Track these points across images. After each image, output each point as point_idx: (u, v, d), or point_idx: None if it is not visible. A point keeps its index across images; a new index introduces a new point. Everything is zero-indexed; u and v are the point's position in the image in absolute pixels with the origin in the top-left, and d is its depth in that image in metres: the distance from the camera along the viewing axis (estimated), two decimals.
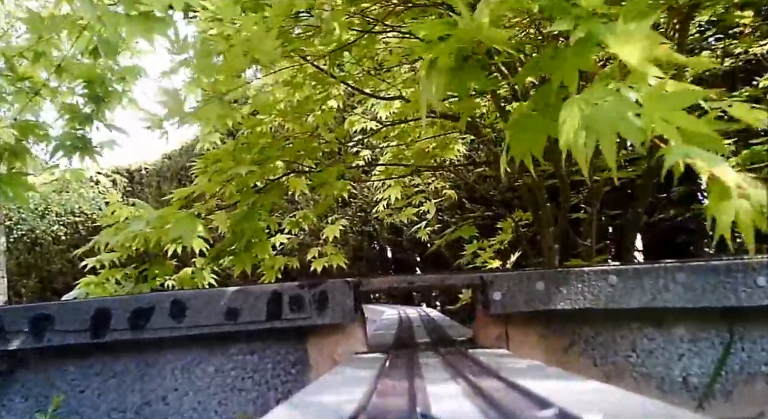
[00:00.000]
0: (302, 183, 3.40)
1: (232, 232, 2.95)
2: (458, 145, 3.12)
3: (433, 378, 0.95)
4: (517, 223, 3.04)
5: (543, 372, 1.09)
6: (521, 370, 1.10)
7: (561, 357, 1.76)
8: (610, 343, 1.76)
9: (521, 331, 1.78)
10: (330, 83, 2.80)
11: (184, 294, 1.77)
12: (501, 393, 0.76)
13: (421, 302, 11.69)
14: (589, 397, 0.82)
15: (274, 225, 3.22)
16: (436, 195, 3.95)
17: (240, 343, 1.81)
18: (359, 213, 11.89)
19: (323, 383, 1.02)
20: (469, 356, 1.41)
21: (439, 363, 1.25)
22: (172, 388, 1.80)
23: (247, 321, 1.75)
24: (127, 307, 1.75)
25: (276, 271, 3.30)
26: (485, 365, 1.12)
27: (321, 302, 1.75)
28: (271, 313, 1.75)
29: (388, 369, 1.14)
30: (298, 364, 1.80)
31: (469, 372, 1.02)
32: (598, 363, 1.75)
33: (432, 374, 1.05)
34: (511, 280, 1.73)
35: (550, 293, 1.72)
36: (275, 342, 1.81)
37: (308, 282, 1.77)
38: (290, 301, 1.75)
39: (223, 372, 1.80)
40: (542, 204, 2.44)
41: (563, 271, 1.72)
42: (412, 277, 1.82)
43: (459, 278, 1.80)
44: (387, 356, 1.54)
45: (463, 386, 0.82)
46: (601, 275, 1.71)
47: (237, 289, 1.77)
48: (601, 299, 1.70)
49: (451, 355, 1.42)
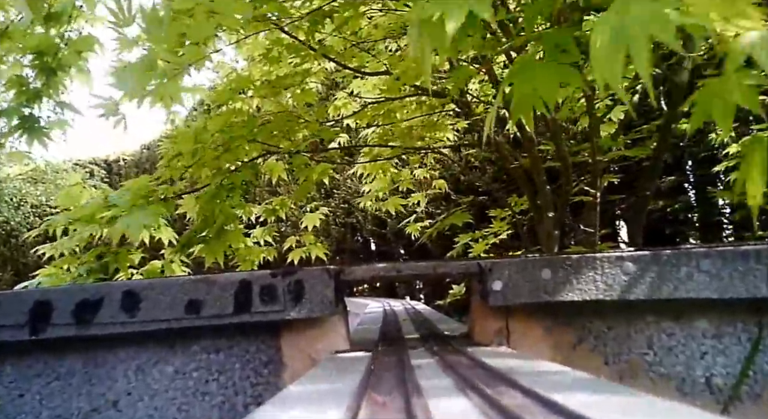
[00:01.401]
0: (280, 168, 3.17)
1: (202, 217, 2.71)
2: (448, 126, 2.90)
3: (432, 388, 0.74)
4: (513, 208, 2.84)
5: (569, 379, 0.88)
6: (540, 375, 0.88)
7: (569, 354, 1.56)
8: (624, 339, 1.55)
9: (524, 325, 1.57)
10: (309, 56, 2.56)
11: (137, 284, 1.54)
12: (533, 415, 0.54)
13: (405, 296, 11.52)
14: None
15: (248, 212, 2.99)
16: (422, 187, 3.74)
17: (203, 340, 1.59)
18: (342, 204, 11.66)
19: (290, 396, 0.80)
20: (468, 355, 1.19)
21: (436, 366, 1.03)
22: (124, 392, 1.57)
23: (212, 315, 1.52)
24: (71, 299, 1.52)
25: (252, 264, 3.07)
26: (493, 368, 0.91)
27: (297, 293, 1.53)
28: (239, 305, 1.52)
29: (374, 374, 0.92)
30: (270, 364, 1.58)
31: (476, 378, 0.80)
32: (610, 361, 1.55)
33: (430, 381, 0.83)
34: (513, 267, 1.52)
35: (557, 282, 1.51)
36: (244, 339, 1.59)
37: (282, 270, 1.55)
38: (261, 292, 1.53)
39: (183, 373, 1.57)
40: (541, 187, 2.24)
41: (573, 257, 1.52)
42: (400, 265, 1.60)
43: (454, 265, 1.58)
44: (372, 355, 1.33)
45: (477, 402, 0.61)
46: (616, 262, 1.50)
47: (199, 278, 1.54)
48: (615, 290, 1.50)
49: (447, 354, 1.21)
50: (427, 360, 1.18)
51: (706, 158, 7.69)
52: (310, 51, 2.58)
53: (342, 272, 1.56)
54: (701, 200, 8.37)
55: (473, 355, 1.16)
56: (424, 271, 1.58)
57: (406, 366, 1.02)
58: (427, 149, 2.79)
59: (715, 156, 7.82)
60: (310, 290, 1.53)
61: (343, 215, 11.52)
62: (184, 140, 2.30)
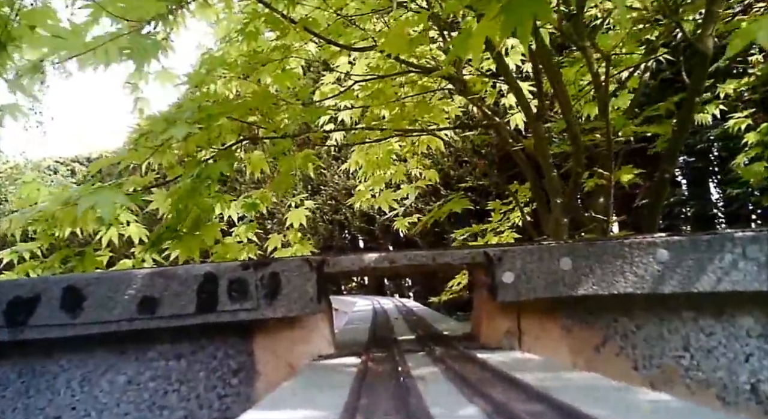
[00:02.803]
0: (262, 160, 2.92)
1: (175, 211, 2.45)
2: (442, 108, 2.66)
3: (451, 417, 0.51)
4: (515, 195, 2.60)
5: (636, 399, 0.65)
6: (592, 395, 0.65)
7: (591, 358, 1.33)
8: (656, 339, 1.33)
9: (538, 324, 1.35)
10: (289, 30, 2.32)
11: (80, 278, 1.29)
12: None
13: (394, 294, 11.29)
14: None
15: (226, 205, 2.73)
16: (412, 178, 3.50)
17: (162, 344, 1.34)
18: (330, 201, 11.41)
19: None
20: (480, 363, 0.96)
21: (444, 378, 0.80)
22: (67, 406, 1.32)
23: (170, 315, 1.28)
24: (0, 297, 1.27)
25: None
26: (521, 383, 0.68)
27: (272, 287, 1.29)
28: (203, 303, 1.28)
29: (365, 390, 0.69)
30: (241, 371, 1.34)
31: (503, 396, 0.57)
32: (640, 365, 1.33)
33: (443, 404, 0.60)
34: (527, 256, 1.30)
35: (579, 273, 1.28)
36: (210, 342, 1.35)
37: (254, 261, 1.31)
38: (230, 287, 1.29)
39: (138, 383, 1.33)
40: (548, 170, 2.01)
41: (597, 243, 1.29)
42: (394, 255, 1.37)
43: (456, 255, 1.35)
44: (362, 362, 1.09)
45: None
46: (648, 249, 1.28)
47: (155, 271, 1.30)
48: (647, 282, 1.27)
49: (454, 361, 0.98)
50: (430, 368, 0.94)
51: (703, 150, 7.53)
52: (291, 24, 2.33)
53: (325, 264, 1.33)
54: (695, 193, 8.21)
55: (487, 363, 0.93)
56: (422, 261, 1.35)
57: (405, 378, 0.79)
58: (421, 131, 2.55)
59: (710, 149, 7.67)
60: (287, 285, 1.29)
61: (331, 211, 11.27)
62: (154, 122, 2.04)
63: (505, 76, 2.16)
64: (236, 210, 3.18)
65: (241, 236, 3.24)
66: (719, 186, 7.68)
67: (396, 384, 0.73)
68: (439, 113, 2.64)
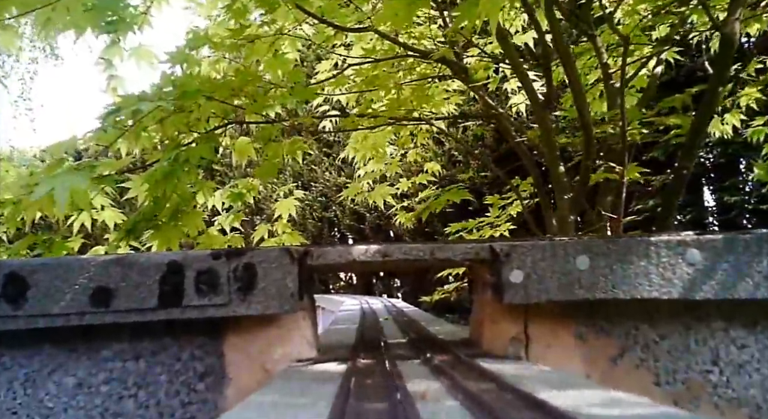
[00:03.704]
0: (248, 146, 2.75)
1: (152, 198, 2.28)
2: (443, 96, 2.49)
3: None
4: (517, 190, 2.45)
5: None
6: None
7: (607, 371, 1.18)
8: (682, 351, 1.18)
9: (549, 331, 1.19)
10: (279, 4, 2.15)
11: (23, 264, 1.12)
12: None
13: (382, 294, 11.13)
14: None
15: (208, 192, 2.56)
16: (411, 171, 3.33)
17: (118, 342, 1.17)
18: (320, 198, 11.23)
19: None
20: (488, 375, 0.80)
21: (449, 396, 0.64)
22: (8, 410, 1.15)
23: (128, 309, 1.11)
24: None
25: None
26: (554, 409, 0.52)
27: (246, 281, 1.13)
28: (166, 296, 1.11)
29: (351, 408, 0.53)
30: (209, 375, 1.17)
31: None
32: (663, 380, 1.17)
33: None
34: (539, 253, 1.14)
35: (597, 274, 1.13)
36: (173, 342, 1.18)
37: (227, 250, 1.14)
38: (198, 279, 1.12)
39: (90, 386, 1.16)
40: (554, 164, 1.86)
41: (619, 240, 1.13)
42: (388, 247, 1.21)
43: (458, 249, 1.19)
44: (348, 369, 0.93)
45: None
46: (677, 249, 1.12)
47: (111, 258, 1.13)
48: (675, 285, 1.12)
49: (456, 373, 0.81)
50: (430, 382, 0.78)
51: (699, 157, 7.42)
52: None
53: (309, 255, 1.16)
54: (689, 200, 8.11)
55: (499, 377, 0.77)
56: (419, 256, 1.19)
57: (400, 395, 0.63)
58: (419, 120, 2.38)
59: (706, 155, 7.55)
60: (264, 278, 1.13)
61: (321, 208, 11.09)
62: (126, 100, 1.87)
63: (509, 59, 2.01)
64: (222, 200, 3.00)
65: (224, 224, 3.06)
66: (715, 193, 7.57)
67: (390, 405, 0.57)
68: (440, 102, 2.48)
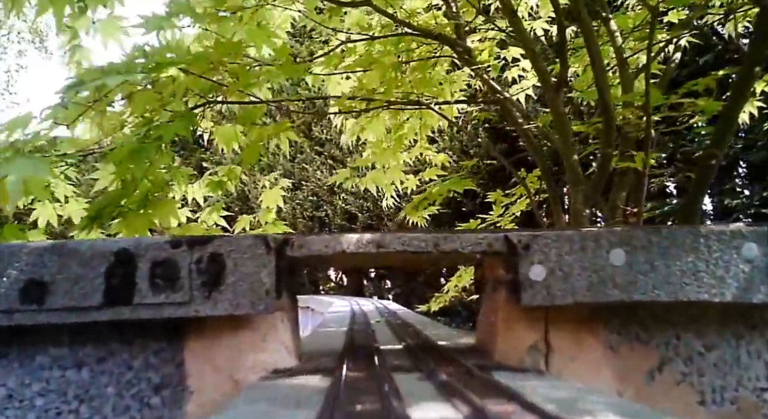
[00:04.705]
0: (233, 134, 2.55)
1: (120, 182, 2.07)
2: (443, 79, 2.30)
3: None
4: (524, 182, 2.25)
5: None
6: None
7: (643, 387, 0.99)
8: (731, 365, 0.99)
9: (573, 339, 1.00)
10: None
11: None
12: None
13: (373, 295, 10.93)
14: None
15: (183, 179, 2.35)
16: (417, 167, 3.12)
17: (56, 347, 0.97)
18: (311, 197, 11.02)
19: None
20: (519, 399, 0.61)
21: None
22: None
23: (67, 306, 0.91)
24: None
25: None
26: None
27: (212, 274, 0.93)
28: (113, 292, 0.92)
29: None
30: (165, 388, 0.98)
31: None
32: (708, 398, 0.98)
33: None
34: (565, 245, 0.95)
35: (634, 271, 0.94)
36: (123, 347, 0.98)
37: (188, 237, 0.95)
38: (153, 271, 0.93)
39: (22, 399, 0.96)
40: (567, 153, 1.67)
41: (662, 231, 0.95)
42: (383, 237, 1.01)
43: (467, 239, 1.00)
44: (332, 386, 0.73)
45: None
46: (731, 242, 0.94)
47: (47, 245, 0.93)
48: (729, 286, 0.93)
49: (471, 391, 0.62)
50: (439, 406, 0.59)
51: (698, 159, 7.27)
52: None
53: (288, 244, 0.97)
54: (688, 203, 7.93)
55: (530, 402, 0.58)
56: (420, 247, 1.00)
57: None
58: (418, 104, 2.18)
59: None
60: (234, 271, 0.93)
61: (312, 208, 10.89)
62: (89, 72, 1.67)
63: (518, 34, 1.82)
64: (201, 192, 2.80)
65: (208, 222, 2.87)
66: (714, 197, 7.42)
67: None
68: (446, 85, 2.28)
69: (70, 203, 2.31)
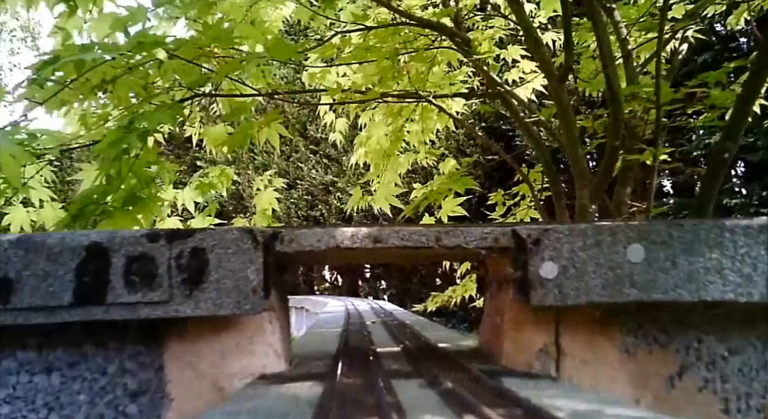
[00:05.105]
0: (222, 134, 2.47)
1: (104, 177, 1.98)
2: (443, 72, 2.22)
3: None
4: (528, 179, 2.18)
5: None
6: None
7: (662, 394, 0.91)
8: (757, 370, 0.92)
9: (587, 342, 0.92)
10: None
11: None
12: None
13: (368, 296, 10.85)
14: None
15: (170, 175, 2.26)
16: None
17: (23, 350, 0.89)
18: (306, 197, 10.93)
19: None
20: (528, 408, 0.53)
21: None
22: None
23: (34, 305, 0.83)
24: None
25: None
26: None
27: (194, 271, 0.85)
28: (84, 290, 0.84)
29: None
30: (143, 395, 0.90)
31: None
32: (733, 406, 0.91)
33: None
34: (578, 240, 0.87)
35: (654, 268, 0.86)
36: (97, 350, 0.90)
37: (168, 231, 0.87)
38: (129, 267, 0.85)
39: None
40: (572, 147, 1.59)
41: (684, 225, 0.87)
42: (380, 231, 0.94)
43: (472, 233, 0.92)
44: (324, 395, 0.66)
45: None
46: (759, 237, 0.86)
47: (12, 238, 0.85)
48: (756, 285, 0.86)
49: (477, 400, 0.54)
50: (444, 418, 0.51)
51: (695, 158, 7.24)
52: None
53: (278, 238, 0.89)
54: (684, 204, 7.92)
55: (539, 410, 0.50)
56: (421, 242, 0.92)
57: None
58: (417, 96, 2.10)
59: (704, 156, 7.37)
60: (218, 268, 0.85)
61: (307, 207, 10.80)
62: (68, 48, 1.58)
63: (521, 23, 1.75)
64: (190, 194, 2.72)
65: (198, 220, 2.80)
66: None
67: None
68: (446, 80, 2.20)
69: (45, 209, 2.20)
